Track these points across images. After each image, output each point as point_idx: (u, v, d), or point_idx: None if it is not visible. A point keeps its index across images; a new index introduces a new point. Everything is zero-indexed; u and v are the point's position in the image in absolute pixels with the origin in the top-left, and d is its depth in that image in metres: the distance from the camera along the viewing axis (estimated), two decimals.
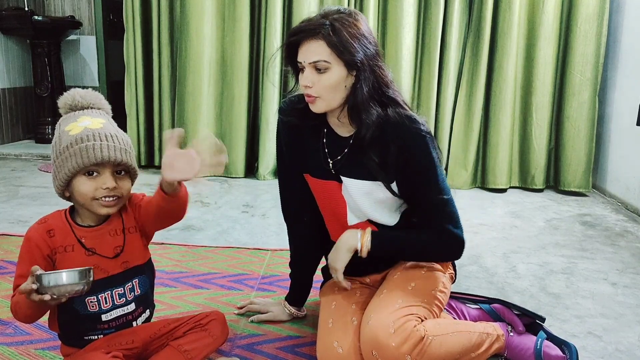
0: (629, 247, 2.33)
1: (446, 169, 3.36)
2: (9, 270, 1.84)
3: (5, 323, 1.49)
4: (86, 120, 1.10)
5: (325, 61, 1.20)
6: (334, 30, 1.18)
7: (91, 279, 1.01)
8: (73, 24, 4.33)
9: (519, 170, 3.40)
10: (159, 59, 3.44)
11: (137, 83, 3.49)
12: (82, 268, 1.01)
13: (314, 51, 1.20)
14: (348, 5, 3.27)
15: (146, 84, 3.53)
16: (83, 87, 1.21)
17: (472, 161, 3.35)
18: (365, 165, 1.27)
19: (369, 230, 1.30)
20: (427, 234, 1.29)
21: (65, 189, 1.11)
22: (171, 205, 1.13)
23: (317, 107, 1.26)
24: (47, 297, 0.98)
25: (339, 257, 1.30)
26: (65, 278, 0.98)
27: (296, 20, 3.22)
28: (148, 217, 1.18)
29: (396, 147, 1.24)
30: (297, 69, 1.26)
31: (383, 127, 1.24)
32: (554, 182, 3.42)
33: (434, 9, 3.22)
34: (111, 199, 1.10)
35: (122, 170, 1.12)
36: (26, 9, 4.16)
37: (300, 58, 1.23)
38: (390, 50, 3.29)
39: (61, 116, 1.16)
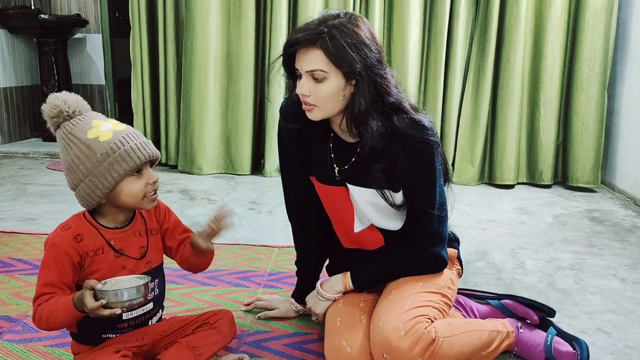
0: (638, 243, 2.31)
1: (453, 164, 3.35)
2: (17, 268, 1.85)
3: (14, 320, 1.50)
4: (106, 124, 1.11)
5: (322, 71, 1.16)
6: (332, 38, 1.14)
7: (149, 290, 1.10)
8: (79, 22, 4.34)
9: (527, 165, 3.38)
10: (165, 56, 3.44)
11: (144, 80, 3.50)
12: (143, 280, 1.07)
13: (311, 60, 1.16)
14: (354, 1, 3.26)
15: (152, 81, 3.54)
16: (89, 85, 1.23)
17: (479, 157, 3.33)
18: (371, 174, 1.25)
19: (347, 274, 1.35)
20: (407, 259, 1.32)
21: (102, 198, 1.10)
22: (203, 260, 1.29)
23: (314, 115, 1.23)
24: (119, 311, 1.02)
25: (319, 305, 1.37)
26: (135, 292, 1.04)
27: (302, 17, 3.22)
28: (174, 251, 1.28)
29: (405, 158, 1.22)
30: (295, 75, 1.23)
31: (390, 137, 1.21)
32: (562, 177, 3.39)
33: (440, 4, 3.20)
34: (155, 192, 1.15)
35: (152, 163, 1.15)
36: (32, 7, 4.18)
37: (297, 65, 1.20)
38: (396, 46, 3.27)
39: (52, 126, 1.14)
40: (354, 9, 3.25)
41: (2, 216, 2.45)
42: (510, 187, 3.31)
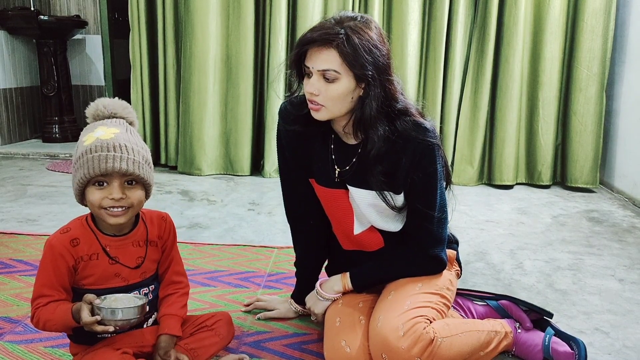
0: (636, 243, 2.32)
1: (452, 165, 3.35)
2: (18, 269, 1.86)
3: (15, 321, 1.50)
4: (100, 131, 1.10)
5: (335, 71, 1.16)
6: (348, 40, 1.14)
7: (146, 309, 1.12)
8: (79, 23, 4.35)
9: (526, 166, 3.39)
10: (164, 57, 3.45)
11: (143, 82, 3.51)
12: (141, 301, 1.09)
13: (324, 59, 1.16)
14: (353, 2, 3.26)
15: (152, 82, 3.54)
16: (89, 86, 1.22)
17: (478, 157, 3.34)
18: (373, 176, 1.25)
19: (347, 275, 1.36)
20: (406, 260, 1.32)
21: (82, 198, 1.12)
22: None
23: (320, 115, 1.23)
24: (111, 329, 1.03)
25: (318, 305, 1.38)
26: (131, 312, 1.05)
27: (301, 17, 3.22)
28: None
29: (407, 159, 1.23)
30: (302, 73, 1.23)
31: (393, 140, 1.22)
32: (560, 178, 3.40)
33: (439, 4, 3.21)
34: (119, 209, 1.09)
35: (133, 181, 1.10)
36: (32, 8, 4.18)
37: (308, 63, 1.19)
38: (396, 46, 3.28)
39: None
40: (353, 9, 3.26)
41: (2, 217, 2.46)
42: (509, 187, 3.31)
